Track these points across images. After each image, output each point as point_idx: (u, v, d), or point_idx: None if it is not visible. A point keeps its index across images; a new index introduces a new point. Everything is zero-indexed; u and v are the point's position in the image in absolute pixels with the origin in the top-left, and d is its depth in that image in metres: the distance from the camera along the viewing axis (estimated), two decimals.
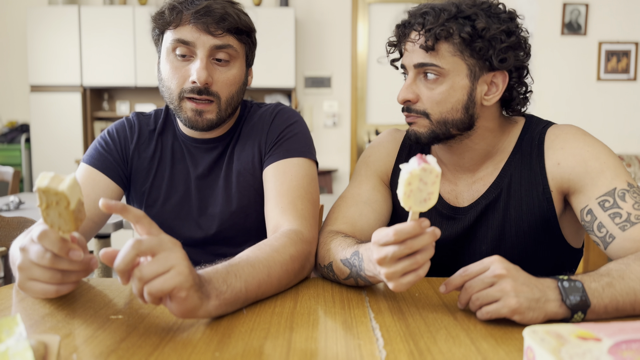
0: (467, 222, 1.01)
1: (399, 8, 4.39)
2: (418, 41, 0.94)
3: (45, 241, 0.68)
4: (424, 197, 0.69)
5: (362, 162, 1.13)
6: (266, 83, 4.08)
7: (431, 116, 0.95)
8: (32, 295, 0.74)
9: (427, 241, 0.69)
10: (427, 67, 0.94)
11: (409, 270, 0.70)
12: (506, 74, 0.95)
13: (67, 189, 0.65)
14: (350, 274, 0.86)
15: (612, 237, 0.86)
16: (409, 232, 0.68)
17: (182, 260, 0.64)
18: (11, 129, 4.32)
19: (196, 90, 0.99)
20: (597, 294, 0.71)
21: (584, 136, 0.95)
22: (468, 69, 0.94)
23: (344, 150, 4.53)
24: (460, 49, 0.92)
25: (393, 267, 0.70)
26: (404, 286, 0.71)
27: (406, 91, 0.96)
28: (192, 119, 1.02)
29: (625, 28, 4.26)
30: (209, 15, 0.97)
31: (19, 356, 0.48)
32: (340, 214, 1.04)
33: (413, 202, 0.69)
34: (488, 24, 0.91)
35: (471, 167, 1.03)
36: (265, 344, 0.64)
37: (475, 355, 0.62)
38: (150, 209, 1.13)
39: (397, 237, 0.68)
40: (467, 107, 0.95)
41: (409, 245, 0.68)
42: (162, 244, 0.64)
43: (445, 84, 0.94)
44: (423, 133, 0.97)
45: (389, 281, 0.72)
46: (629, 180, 0.88)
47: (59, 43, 4.07)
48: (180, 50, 1.00)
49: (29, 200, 2.40)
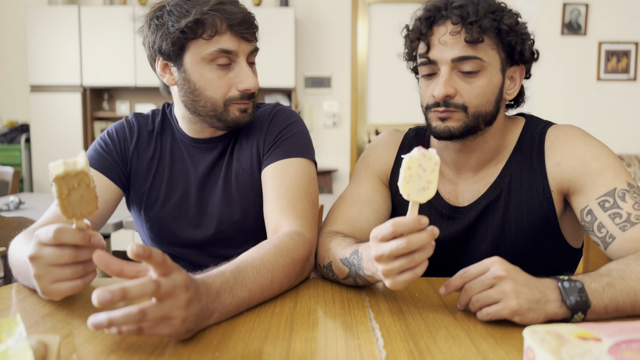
0: (467, 222, 1.01)
1: (399, 8, 4.39)
2: (460, 33, 0.91)
3: (64, 236, 0.67)
4: (423, 184, 0.69)
5: (361, 163, 1.13)
6: (266, 83, 4.07)
7: (469, 109, 0.94)
8: (59, 297, 0.71)
9: (425, 239, 0.68)
10: (467, 61, 0.92)
11: (406, 269, 0.70)
12: (523, 68, 0.99)
13: (85, 166, 0.66)
14: (349, 274, 0.86)
15: (613, 238, 0.86)
16: (407, 225, 0.68)
17: (181, 311, 0.62)
18: (11, 129, 4.32)
19: (247, 96, 1.04)
20: (598, 295, 0.71)
21: (584, 136, 0.95)
22: (501, 63, 0.95)
23: (344, 150, 4.53)
24: (496, 43, 0.93)
25: (390, 265, 0.70)
26: (401, 284, 0.71)
27: (446, 86, 0.92)
28: (239, 118, 1.05)
29: (625, 28, 4.26)
30: (245, 23, 1.00)
31: (19, 356, 0.48)
32: (339, 214, 1.04)
33: (412, 189, 0.69)
34: (516, 20, 0.93)
35: (475, 167, 1.02)
36: (265, 344, 0.64)
37: (475, 355, 0.62)
38: (149, 210, 1.12)
39: (396, 229, 0.68)
40: (499, 100, 0.97)
41: (407, 242, 0.68)
42: (174, 289, 0.61)
43: (484, 77, 0.93)
44: (457, 128, 0.94)
45: (386, 278, 0.72)
46: (629, 181, 0.88)
47: (58, 43, 4.07)
48: (222, 61, 1.01)
49: (29, 200, 2.40)
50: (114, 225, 1.92)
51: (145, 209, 1.13)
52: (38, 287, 0.71)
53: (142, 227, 1.17)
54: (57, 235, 0.67)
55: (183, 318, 0.62)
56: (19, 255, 0.84)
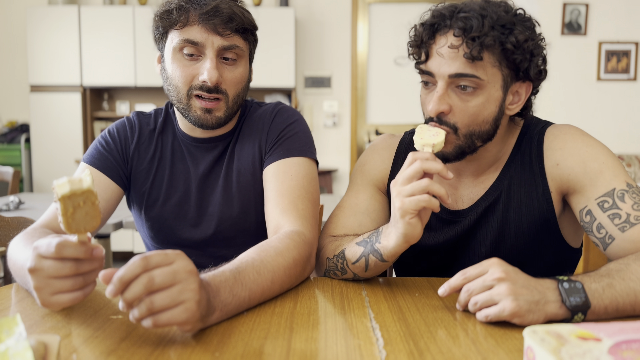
0: (467, 225, 1.01)
1: (399, 8, 4.39)
2: (460, 48, 0.85)
3: (66, 251, 0.67)
4: (433, 133, 0.87)
5: (357, 170, 1.11)
6: (266, 83, 4.08)
7: (459, 130, 0.90)
8: (59, 308, 0.71)
9: (438, 166, 0.79)
10: (464, 78, 0.87)
11: (418, 191, 0.78)
12: (530, 83, 0.93)
13: (92, 184, 0.66)
14: (362, 253, 0.88)
15: (612, 238, 0.86)
16: (423, 154, 0.81)
17: (194, 294, 0.63)
18: (11, 129, 4.31)
19: (205, 88, 1.00)
20: (598, 295, 0.71)
21: (582, 136, 0.94)
22: (502, 80, 0.89)
23: (344, 150, 4.53)
24: (499, 59, 0.87)
25: (403, 187, 0.80)
26: (408, 203, 0.78)
27: (440, 102, 0.88)
28: (201, 117, 1.02)
29: (625, 28, 4.26)
30: (217, 16, 0.97)
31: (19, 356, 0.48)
32: (339, 223, 1.04)
33: (424, 135, 0.86)
34: (526, 36, 0.86)
35: (475, 172, 1.01)
36: (265, 344, 0.64)
37: (475, 355, 0.62)
38: (150, 210, 1.12)
39: (414, 156, 0.81)
40: (497, 119, 0.92)
41: (421, 163, 0.80)
42: (176, 275, 0.62)
43: (481, 96, 0.88)
44: (450, 152, 0.91)
45: (397, 198, 0.80)
46: (628, 181, 0.88)
47: (59, 43, 4.06)
48: (188, 50, 1.00)
49: (29, 200, 2.40)
50: (114, 225, 1.92)
51: (145, 209, 1.13)
52: (37, 299, 0.70)
53: (142, 227, 1.17)
54: (59, 250, 0.67)
55: (197, 300, 0.63)
56: (17, 259, 0.84)
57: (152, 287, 0.61)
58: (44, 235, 0.87)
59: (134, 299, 0.61)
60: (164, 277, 0.61)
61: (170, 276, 0.62)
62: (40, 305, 0.70)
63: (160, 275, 0.61)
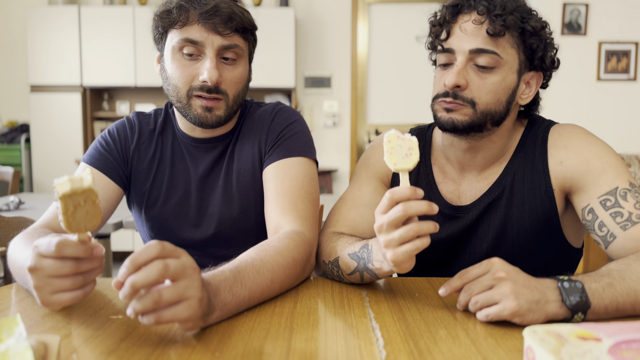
0: (469, 220, 1.01)
1: (399, 8, 4.39)
2: (484, 24, 0.90)
3: (67, 250, 0.67)
4: (405, 152, 0.74)
5: (362, 164, 1.12)
6: (266, 83, 4.08)
7: (477, 106, 0.92)
8: (59, 307, 0.71)
9: (422, 208, 0.70)
10: (484, 54, 0.90)
11: (407, 240, 0.71)
12: (542, 75, 0.97)
13: (93, 183, 0.66)
14: (357, 268, 0.86)
15: (613, 237, 0.86)
16: (403, 192, 0.70)
17: (197, 291, 0.63)
18: (11, 129, 4.31)
19: (205, 88, 1.00)
20: (598, 295, 0.71)
21: (586, 135, 0.95)
22: (518, 64, 0.93)
23: (344, 150, 4.53)
24: (517, 43, 0.92)
25: (390, 235, 0.71)
26: (401, 256, 0.71)
27: (458, 76, 0.91)
28: (201, 116, 1.02)
29: (625, 28, 4.26)
30: (217, 15, 0.97)
31: (19, 356, 0.48)
32: (341, 216, 1.04)
33: (396, 159, 0.74)
34: (542, 24, 0.92)
35: (479, 167, 1.02)
36: (265, 344, 0.64)
37: (475, 355, 0.62)
38: (150, 210, 1.12)
39: (392, 196, 0.71)
40: (509, 102, 0.95)
41: (403, 207, 0.70)
42: (185, 269, 0.63)
43: (498, 74, 0.91)
44: (462, 121, 0.92)
45: (387, 248, 0.73)
46: (630, 180, 0.88)
47: (59, 43, 4.06)
48: (188, 50, 1.00)
49: (29, 200, 2.40)
50: (114, 225, 1.92)
51: (145, 209, 1.13)
52: (37, 298, 0.70)
53: (142, 227, 1.17)
54: (59, 249, 0.67)
55: (199, 298, 0.63)
56: (17, 259, 0.84)
57: (166, 274, 0.61)
58: (44, 235, 0.87)
59: (144, 284, 0.60)
60: (177, 268, 0.62)
61: (181, 268, 0.62)
62: (40, 304, 0.70)
63: (174, 264, 0.62)
